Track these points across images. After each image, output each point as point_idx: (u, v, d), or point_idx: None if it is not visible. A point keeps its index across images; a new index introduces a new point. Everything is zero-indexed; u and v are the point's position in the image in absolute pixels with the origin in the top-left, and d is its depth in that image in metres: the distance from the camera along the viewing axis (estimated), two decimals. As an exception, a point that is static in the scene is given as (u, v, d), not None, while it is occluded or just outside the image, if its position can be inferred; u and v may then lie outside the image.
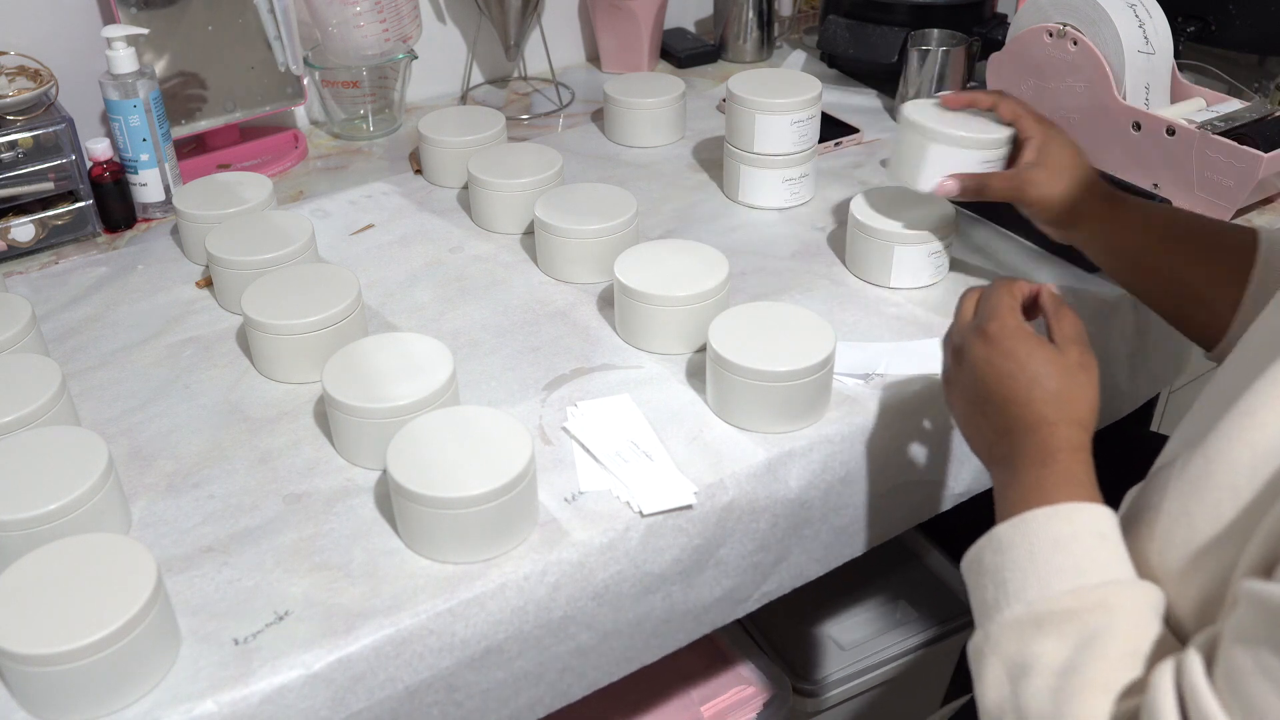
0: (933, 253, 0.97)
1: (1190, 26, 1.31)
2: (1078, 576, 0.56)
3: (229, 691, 0.63)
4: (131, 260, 1.07)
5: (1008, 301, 0.70)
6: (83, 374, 0.90)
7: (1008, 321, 0.68)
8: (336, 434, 0.80)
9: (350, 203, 1.16)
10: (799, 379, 0.80)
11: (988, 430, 0.68)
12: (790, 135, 1.09)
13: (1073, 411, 0.64)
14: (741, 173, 1.13)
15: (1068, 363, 0.66)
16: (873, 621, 1.22)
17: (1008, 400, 0.66)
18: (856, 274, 1.01)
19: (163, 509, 0.76)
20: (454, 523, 0.69)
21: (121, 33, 1.04)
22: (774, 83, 1.10)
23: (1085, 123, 1.14)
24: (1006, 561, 0.59)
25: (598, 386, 0.87)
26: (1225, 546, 0.52)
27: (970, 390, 0.69)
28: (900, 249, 0.96)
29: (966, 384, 0.70)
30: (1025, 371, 0.65)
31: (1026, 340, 0.67)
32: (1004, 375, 0.66)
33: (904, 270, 0.98)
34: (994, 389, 0.67)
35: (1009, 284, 0.71)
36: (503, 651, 0.71)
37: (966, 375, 0.69)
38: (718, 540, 0.78)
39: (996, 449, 0.67)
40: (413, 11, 1.25)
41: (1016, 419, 0.65)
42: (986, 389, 0.67)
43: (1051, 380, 0.65)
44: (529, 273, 1.04)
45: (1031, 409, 0.65)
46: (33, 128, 1.03)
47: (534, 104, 1.41)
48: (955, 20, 1.32)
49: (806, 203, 1.14)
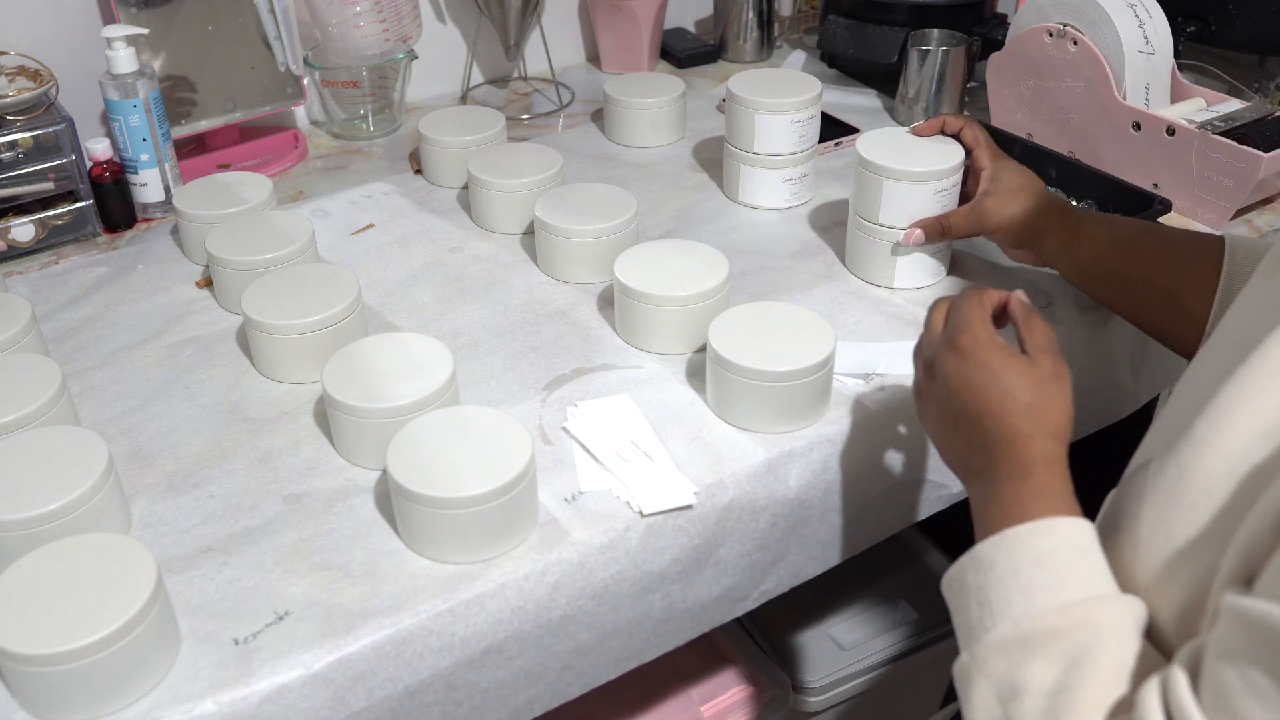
0: (932, 253, 0.97)
1: (1190, 26, 1.31)
2: (1062, 592, 0.56)
3: (229, 691, 0.63)
4: (131, 260, 1.07)
5: (978, 313, 0.68)
6: (83, 374, 0.90)
7: (979, 334, 0.67)
8: (336, 434, 0.80)
9: (350, 203, 1.16)
10: (799, 379, 0.80)
11: (962, 445, 0.67)
12: (790, 135, 1.09)
13: (1047, 424, 0.63)
14: (742, 173, 1.13)
15: (1040, 374, 0.65)
16: (873, 621, 1.22)
17: (982, 414, 0.65)
18: (856, 274, 1.01)
19: (163, 509, 0.76)
20: (454, 523, 0.69)
21: (121, 33, 1.04)
22: (774, 83, 1.10)
23: (1085, 123, 1.14)
24: (990, 580, 0.58)
25: (598, 386, 0.87)
26: (1204, 552, 0.52)
27: (943, 404, 0.68)
28: (901, 248, 0.96)
29: (939, 398, 0.69)
30: (999, 384, 0.64)
31: (999, 352, 0.66)
32: (977, 388, 0.65)
33: (904, 270, 0.98)
34: (967, 403, 0.66)
35: (978, 294, 0.70)
36: (502, 651, 0.71)
37: (939, 389, 0.69)
38: (717, 540, 0.78)
39: (971, 463, 0.66)
40: (413, 11, 1.25)
41: (991, 433, 0.64)
42: (960, 403, 0.66)
43: (1025, 392, 0.64)
44: (529, 273, 1.04)
45: (1006, 422, 0.63)
46: (33, 128, 1.03)
47: (534, 104, 1.41)
48: (955, 20, 1.32)
49: (806, 203, 1.15)
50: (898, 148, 0.95)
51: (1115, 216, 0.92)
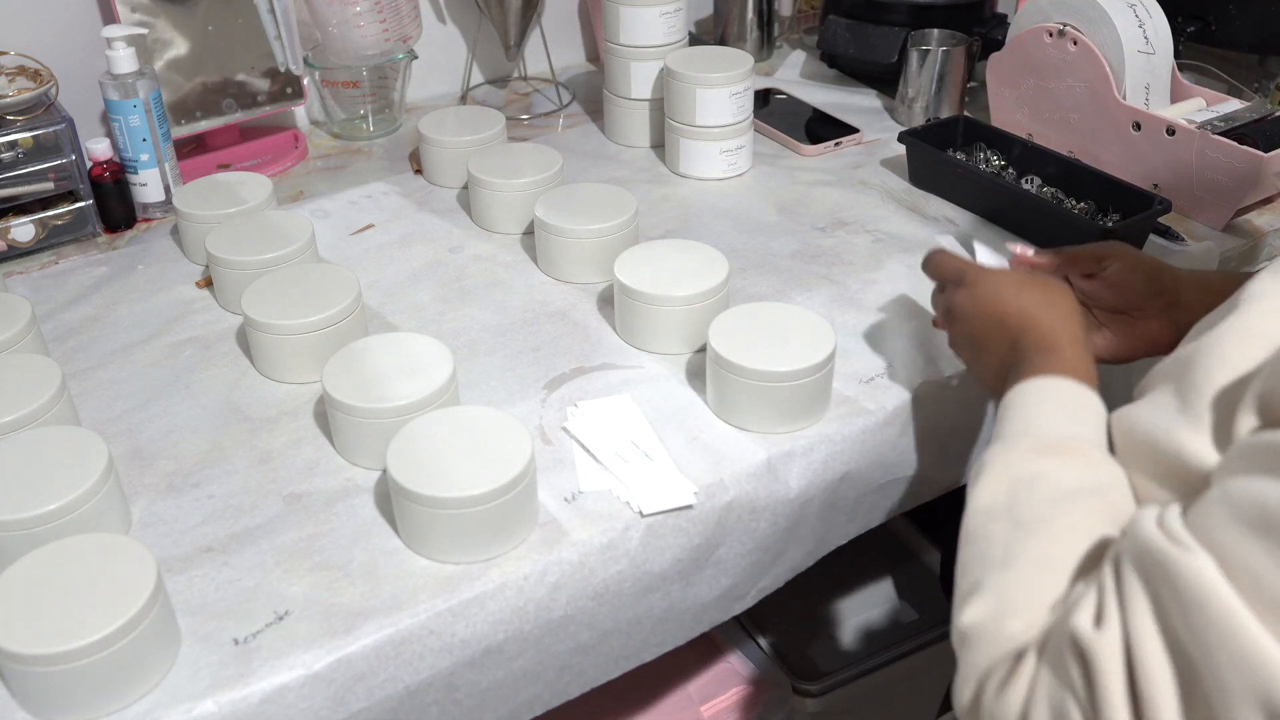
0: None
1: (1190, 26, 1.31)
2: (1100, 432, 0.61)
3: (229, 691, 0.63)
4: (131, 260, 1.07)
5: (966, 262, 0.78)
6: (83, 374, 0.90)
7: (974, 268, 0.76)
8: (336, 434, 0.80)
9: (350, 203, 1.16)
10: (799, 379, 0.80)
11: (994, 358, 0.72)
12: (729, 107, 1.15)
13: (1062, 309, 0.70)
14: (682, 145, 1.18)
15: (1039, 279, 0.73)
16: (873, 621, 1.22)
17: (1003, 316, 0.71)
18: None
19: (163, 509, 0.76)
20: (454, 523, 0.69)
21: (121, 33, 1.04)
22: (712, 59, 1.18)
23: (1085, 123, 1.14)
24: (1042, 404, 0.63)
25: (598, 386, 0.87)
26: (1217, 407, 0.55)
27: (969, 331, 0.75)
28: None
29: (964, 331, 0.76)
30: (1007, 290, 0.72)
31: (998, 273, 0.75)
32: (992, 301, 0.73)
33: None
34: (989, 316, 0.73)
35: (950, 255, 0.80)
36: (503, 651, 0.71)
37: (962, 325, 0.76)
38: (717, 540, 0.78)
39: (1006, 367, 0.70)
40: (413, 11, 1.25)
41: (1014, 329, 0.70)
42: (982, 321, 0.73)
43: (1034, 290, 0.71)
44: (529, 273, 1.04)
45: (1026, 314, 0.70)
46: (33, 128, 1.03)
47: (534, 104, 1.41)
48: (955, 20, 1.32)
49: (743, 174, 1.20)
50: None
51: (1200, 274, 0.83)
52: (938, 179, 1.14)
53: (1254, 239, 1.07)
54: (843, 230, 1.08)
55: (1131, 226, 1.00)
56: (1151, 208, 1.01)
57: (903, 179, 1.18)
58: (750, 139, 1.20)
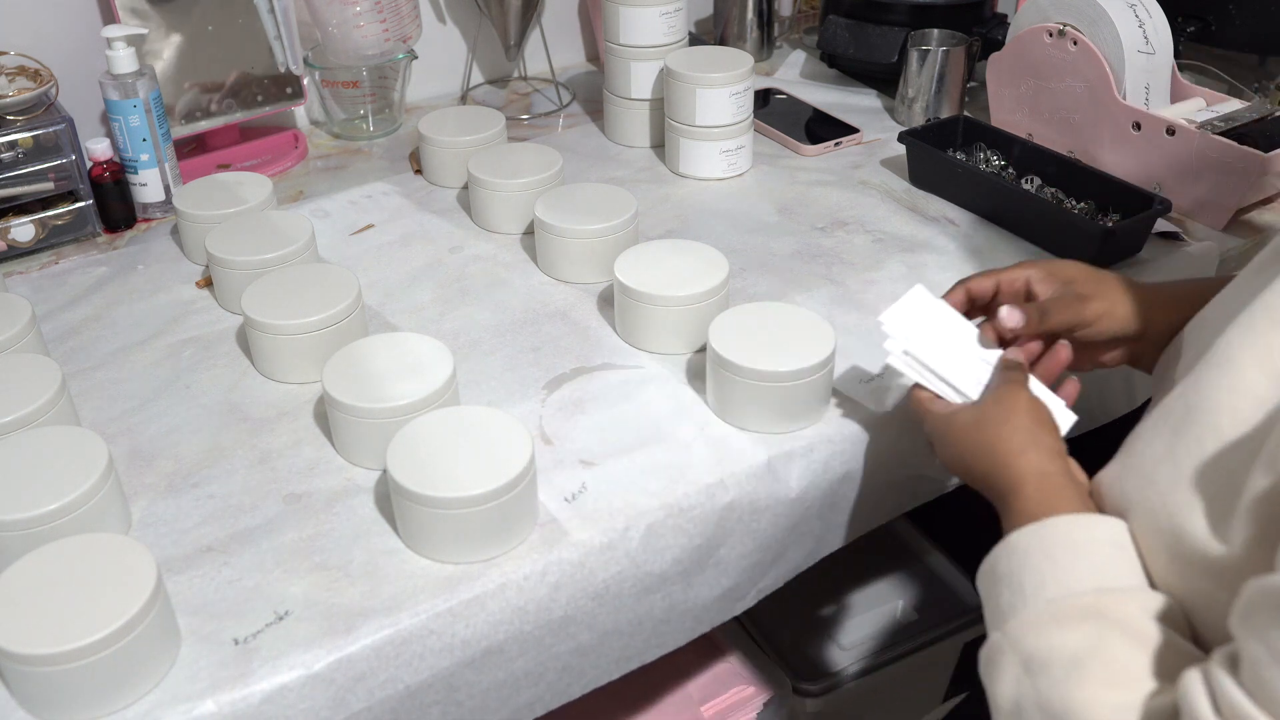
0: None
1: (1190, 26, 1.31)
2: (1099, 579, 0.57)
3: (229, 691, 0.63)
4: (131, 260, 1.07)
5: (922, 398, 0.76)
6: (83, 374, 0.90)
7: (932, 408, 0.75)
8: (336, 434, 0.80)
9: (350, 203, 1.16)
10: (799, 379, 0.80)
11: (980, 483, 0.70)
12: (729, 107, 1.15)
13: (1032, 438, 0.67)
14: (682, 145, 1.18)
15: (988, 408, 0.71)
16: (873, 621, 1.22)
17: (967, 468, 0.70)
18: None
19: (163, 509, 0.76)
20: (454, 523, 0.69)
21: (121, 33, 1.04)
22: (712, 58, 1.18)
23: (1085, 123, 1.14)
24: (1025, 565, 0.59)
25: (598, 386, 0.87)
26: (1208, 483, 0.54)
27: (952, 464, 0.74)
28: None
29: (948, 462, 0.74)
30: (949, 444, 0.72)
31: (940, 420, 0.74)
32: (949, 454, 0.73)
33: None
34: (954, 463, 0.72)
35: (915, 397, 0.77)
36: (503, 651, 0.71)
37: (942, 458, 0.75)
38: (718, 540, 0.78)
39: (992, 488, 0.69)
40: (413, 11, 1.25)
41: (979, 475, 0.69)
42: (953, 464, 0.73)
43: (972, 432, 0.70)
44: (529, 273, 1.04)
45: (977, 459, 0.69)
46: (33, 128, 1.03)
47: (534, 104, 1.41)
48: (955, 20, 1.32)
49: (743, 174, 1.19)
50: None
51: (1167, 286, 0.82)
52: (938, 179, 1.15)
53: (1254, 239, 1.07)
54: (843, 230, 1.08)
55: (1131, 226, 1.00)
56: (1151, 208, 1.01)
57: (903, 179, 1.18)
58: (750, 139, 1.20)
